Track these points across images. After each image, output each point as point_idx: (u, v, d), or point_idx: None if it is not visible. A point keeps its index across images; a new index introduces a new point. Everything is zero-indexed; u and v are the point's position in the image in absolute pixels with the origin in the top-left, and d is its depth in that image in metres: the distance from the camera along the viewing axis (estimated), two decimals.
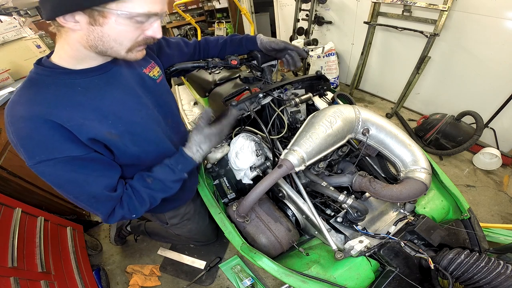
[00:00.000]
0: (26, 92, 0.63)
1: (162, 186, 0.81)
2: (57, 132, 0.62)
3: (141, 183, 0.79)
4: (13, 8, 3.41)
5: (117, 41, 0.62)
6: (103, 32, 0.59)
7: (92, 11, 0.55)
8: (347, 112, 0.97)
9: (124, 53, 0.65)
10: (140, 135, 0.77)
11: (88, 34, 0.59)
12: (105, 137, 0.69)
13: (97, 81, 0.70)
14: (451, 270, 0.75)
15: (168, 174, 0.82)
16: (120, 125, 0.72)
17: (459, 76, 2.36)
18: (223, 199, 1.19)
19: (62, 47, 0.65)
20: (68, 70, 0.66)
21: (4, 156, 1.53)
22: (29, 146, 0.62)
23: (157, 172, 0.81)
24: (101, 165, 0.71)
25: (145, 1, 0.58)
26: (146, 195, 0.79)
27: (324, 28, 3.45)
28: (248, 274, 1.57)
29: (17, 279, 1.03)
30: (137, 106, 0.77)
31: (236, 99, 1.19)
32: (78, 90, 0.66)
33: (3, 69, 2.22)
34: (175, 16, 6.09)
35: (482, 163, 2.16)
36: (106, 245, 1.90)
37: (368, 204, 1.03)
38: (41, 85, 0.64)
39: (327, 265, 0.85)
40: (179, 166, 0.83)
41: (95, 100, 0.68)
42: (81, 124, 0.64)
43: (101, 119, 0.68)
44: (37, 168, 0.63)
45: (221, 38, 1.17)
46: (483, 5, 1.96)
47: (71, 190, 0.69)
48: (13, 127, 0.61)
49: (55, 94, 0.64)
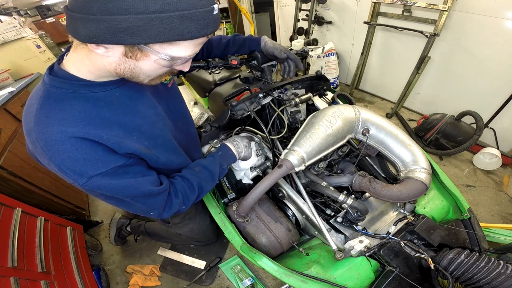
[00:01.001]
0: (52, 111, 0.58)
1: (208, 174, 0.87)
2: (99, 147, 0.61)
3: (191, 172, 0.84)
4: (13, 8, 3.41)
5: (147, 74, 0.61)
6: (135, 65, 0.57)
7: (133, 46, 0.52)
8: (347, 112, 0.97)
9: (147, 82, 0.65)
10: (161, 147, 0.78)
11: (119, 63, 0.56)
12: (141, 151, 0.69)
13: (118, 94, 0.67)
14: (451, 270, 0.75)
15: (212, 162, 0.89)
16: (144, 139, 0.71)
17: (459, 76, 2.36)
18: (223, 199, 1.19)
19: (82, 61, 0.60)
20: (87, 82, 0.62)
21: (4, 156, 1.53)
22: (75, 167, 0.59)
23: (202, 161, 0.89)
24: (140, 166, 0.73)
25: (191, 46, 0.55)
26: (196, 183, 0.82)
27: (324, 28, 3.45)
28: (248, 274, 1.56)
29: (17, 279, 1.03)
30: (155, 118, 0.77)
31: (236, 99, 1.19)
32: (101, 105, 0.64)
33: (3, 69, 2.22)
34: None
35: (482, 163, 2.16)
36: (106, 245, 1.90)
37: (368, 204, 1.03)
38: (64, 101, 0.60)
39: (327, 265, 0.85)
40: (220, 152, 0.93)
41: (119, 116, 0.66)
42: (118, 143, 0.64)
43: (128, 135, 0.67)
44: (89, 185, 0.62)
45: (224, 38, 1.17)
46: (483, 5, 1.96)
47: (122, 198, 0.69)
48: (52, 152, 0.57)
49: (83, 111, 0.61)
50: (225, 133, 1.23)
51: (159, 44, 0.52)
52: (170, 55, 0.55)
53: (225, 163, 0.93)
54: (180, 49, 0.55)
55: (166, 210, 0.77)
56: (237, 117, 1.09)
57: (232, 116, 1.10)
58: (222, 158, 0.93)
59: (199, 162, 0.89)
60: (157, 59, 0.56)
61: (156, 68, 0.59)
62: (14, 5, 3.45)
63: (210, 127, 1.16)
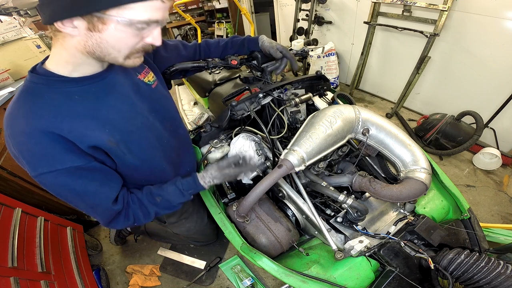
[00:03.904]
0: (23, 104, 0.62)
1: (169, 205, 0.86)
2: (58, 143, 0.62)
3: (150, 200, 0.82)
4: (13, 8, 3.41)
5: (115, 48, 0.61)
6: (101, 38, 0.58)
7: (91, 17, 0.54)
8: (347, 112, 0.97)
9: (122, 60, 0.64)
10: (134, 143, 0.77)
11: (86, 40, 0.58)
12: (107, 145, 0.70)
13: (94, 89, 0.69)
14: (451, 270, 0.75)
15: (177, 196, 0.86)
16: (116, 133, 0.72)
17: (459, 76, 2.36)
18: (223, 199, 1.19)
19: (59, 52, 0.63)
20: (64, 78, 0.65)
21: (4, 156, 1.53)
22: (31, 159, 0.62)
23: (167, 192, 0.85)
24: (102, 174, 0.72)
25: (147, 8, 0.56)
26: (152, 211, 0.82)
27: (324, 28, 3.45)
28: (248, 274, 1.56)
29: (17, 279, 1.03)
30: (132, 114, 0.77)
31: (236, 99, 1.19)
32: (75, 98, 0.66)
33: (3, 69, 2.22)
34: (175, 16, 6.10)
35: (482, 163, 2.16)
36: (106, 245, 1.90)
37: (368, 204, 1.03)
38: (37, 95, 0.63)
39: (327, 265, 0.85)
40: (190, 191, 0.87)
41: (92, 110, 0.68)
42: (83, 135, 0.65)
43: (100, 128, 0.68)
44: (40, 179, 0.63)
45: (222, 41, 1.18)
46: (483, 5, 1.96)
47: (73, 200, 0.70)
48: (14, 141, 0.61)
49: (52, 105, 0.63)
50: (225, 133, 1.23)
51: (114, 9, 0.54)
52: (127, 18, 0.55)
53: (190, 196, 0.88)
54: (135, 12, 0.55)
55: (111, 224, 0.77)
56: (237, 117, 1.09)
57: (232, 116, 1.10)
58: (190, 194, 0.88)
59: (164, 192, 0.85)
60: (116, 25, 0.56)
61: (122, 38, 0.59)
62: (14, 5, 3.45)
63: (210, 127, 1.16)
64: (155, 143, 0.86)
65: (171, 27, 6.17)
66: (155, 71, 0.94)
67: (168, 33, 6.34)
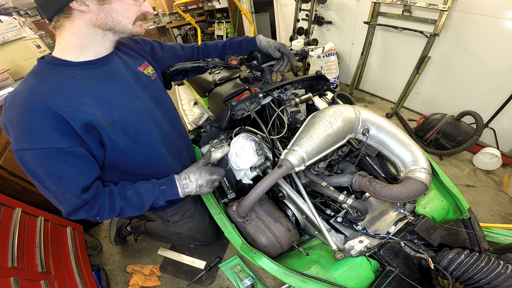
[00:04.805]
0: (27, 82, 0.67)
1: (138, 202, 0.83)
2: (49, 121, 0.63)
3: (121, 194, 0.81)
4: (13, 8, 3.41)
5: (124, 15, 0.71)
6: (111, 8, 0.68)
7: None
8: (347, 112, 0.97)
9: (130, 26, 0.74)
10: (131, 126, 0.79)
11: (98, 13, 0.67)
12: (100, 123, 0.71)
13: (96, 73, 0.75)
14: (451, 270, 0.75)
15: (149, 191, 0.84)
16: (114, 113, 0.74)
17: (459, 76, 2.36)
18: (223, 199, 1.19)
19: (65, 39, 0.70)
20: (69, 62, 0.71)
21: (4, 156, 1.53)
22: (17, 132, 0.63)
23: (141, 186, 0.84)
24: (82, 161, 0.72)
25: None
26: (119, 206, 0.80)
27: (324, 28, 3.45)
28: (248, 274, 1.57)
29: (17, 279, 1.03)
30: (132, 98, 0.81)
31: (236, 99, 1.19)
32: (77, 79, 0.71)
33: (3, 69, 2.22)
34: (175, 16, 6.10)
35: (482, 163, 2.16)
36: (106, 245, 1.90)
37: (368, 204, 1.03)
38: (42, 75, 0.69)
39: (327, 265, 0.85)
40: (163, 187, 0.87)
41: (92, 88, 0.72)
42: (77, 110, 0.67)
43: (97, 105, 0.71)
44: (19, 155, 0.64)
45: (220, 42, 1.20)
46: (483, 5, 1.96)
47: (44, 182, 0.69)
48: (9, 112, 0.64)
49: (54, 82, 0.68)
50: (225, 133, 1.23)
51: None
52: None
53: (163, 198, 0.86)
54: None
55: (73, 214, 0.74)
56: (237, 117, 1.09)
57: (232, 116, 1.10)
58: (162, 193, 0.86)
59: (137, 187, 0.84)
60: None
61: (128, 5, 0.71)
62: (14, 5, 3.45)
63: (210, 127, 1.16)
64: (155, 129, 0.87)
65: (171, 27, 6.17)
66: (154, 66, 0.98)
67: (168, 33, 6.34)
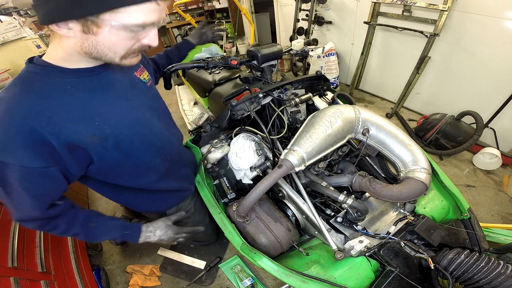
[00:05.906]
0: (10, 91, 0.62)
1: (96, 234, 0.84)
2: (25, 137, 0.59)
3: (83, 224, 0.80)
4: (13, 8, 3.41)
5: (111, 50, 0.61)
6: (97, 40, 0.58)
7: (85, 20, 0.54)
8: (347, 112, 0.97)
9: (118, 60, 0.64)
10: (124, 140, 0.75)
11: (83, 41, 0.59)
12: (86, 140, 0.67)
13: (88, 82, 0.69)
14: (451, 270, 0.75)
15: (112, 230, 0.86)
16: (106, 127, 0.70)
17: (459, 76, 2.36)
18: (223, 199, 1.19)
19: (56, 49, 0.64)
20: (60, 68, 0.65)
21: None
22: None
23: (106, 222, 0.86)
24: (51, 181, 0.67)
25: (140, 12, 0.55)
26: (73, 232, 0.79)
27: (324, 28, 3.44)
28: (248, 274, 1.56)
29: (17, 279, 1.03)
30: (127, 109, 0.77)
31: (236, 99, 1.19)
32: (67, 89, 0.65)
33: (3, 69, 2.22)
34: (175, 16, 6.09)
35: (482, 163, 2.16)
36: (106, 245, 1.90)
37: (368, 204, 1.03)
38: (29, 84, 0.63)
39: (327, 265, 0.85)
40: (127, 231, 0.89)
41: (82, 101, 0.67)
42: (62, 127, 0.62)
43: (87, 120, 0.67)
44: None
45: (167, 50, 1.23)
46: (483, 5, 1.96)
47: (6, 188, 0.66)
48: None
49: (40, 93, 0.62)
50: (225, 133, 1.23)
51: (108, 13, 0.53)
52: (121, 23, 0.55)
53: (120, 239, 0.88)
54: (129, 16, 0.55)
55: (25, 222, 0.73)
56: (237, 117, 1.09)
57: (232, 116, 1.10)
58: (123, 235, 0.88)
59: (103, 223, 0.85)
60: (111, 29, 0.55)
61: (118, 40, 0.59)
62: (14, 5, 3.45)
63: (210, 127, 1.16)
64: (153, 139, 0.85)
65: (171, 27, 6.17)
66: (149, 71, 0.96)
67: (168, 33, 6.34)
